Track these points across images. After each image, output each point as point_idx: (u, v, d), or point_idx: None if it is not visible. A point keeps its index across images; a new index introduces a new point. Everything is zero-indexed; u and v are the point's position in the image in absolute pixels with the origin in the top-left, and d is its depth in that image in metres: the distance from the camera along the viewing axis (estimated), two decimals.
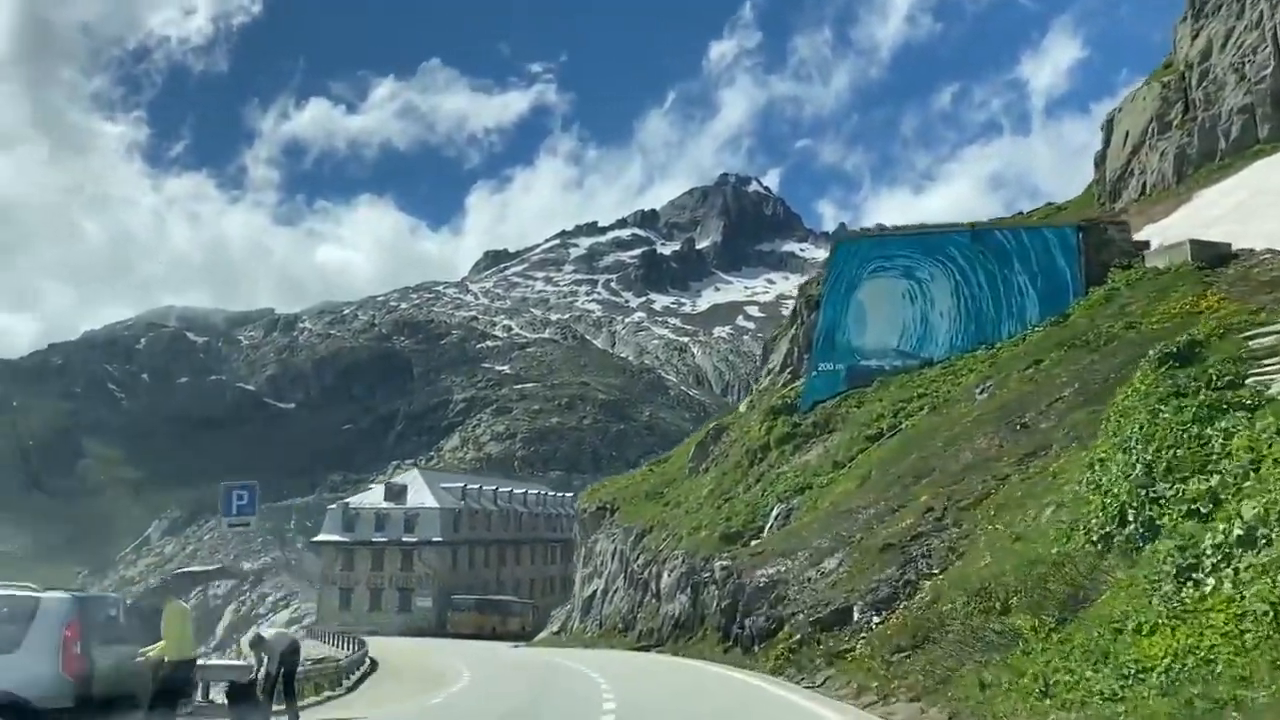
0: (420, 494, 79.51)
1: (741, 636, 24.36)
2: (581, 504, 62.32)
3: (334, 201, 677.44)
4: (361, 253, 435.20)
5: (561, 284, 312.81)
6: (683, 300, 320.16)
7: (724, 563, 28.90)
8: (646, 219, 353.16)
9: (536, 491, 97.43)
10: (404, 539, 77.44)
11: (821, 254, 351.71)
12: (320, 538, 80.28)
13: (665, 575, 37.19)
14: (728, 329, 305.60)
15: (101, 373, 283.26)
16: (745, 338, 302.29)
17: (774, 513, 32.72)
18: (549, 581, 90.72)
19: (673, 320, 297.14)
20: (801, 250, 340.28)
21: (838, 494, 29.56)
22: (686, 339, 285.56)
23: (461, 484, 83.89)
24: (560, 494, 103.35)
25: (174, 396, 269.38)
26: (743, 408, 55.09)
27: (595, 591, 51.68)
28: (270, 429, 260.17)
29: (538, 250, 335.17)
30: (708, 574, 30.67)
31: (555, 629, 59.84)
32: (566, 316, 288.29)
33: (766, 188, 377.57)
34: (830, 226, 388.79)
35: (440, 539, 76.92)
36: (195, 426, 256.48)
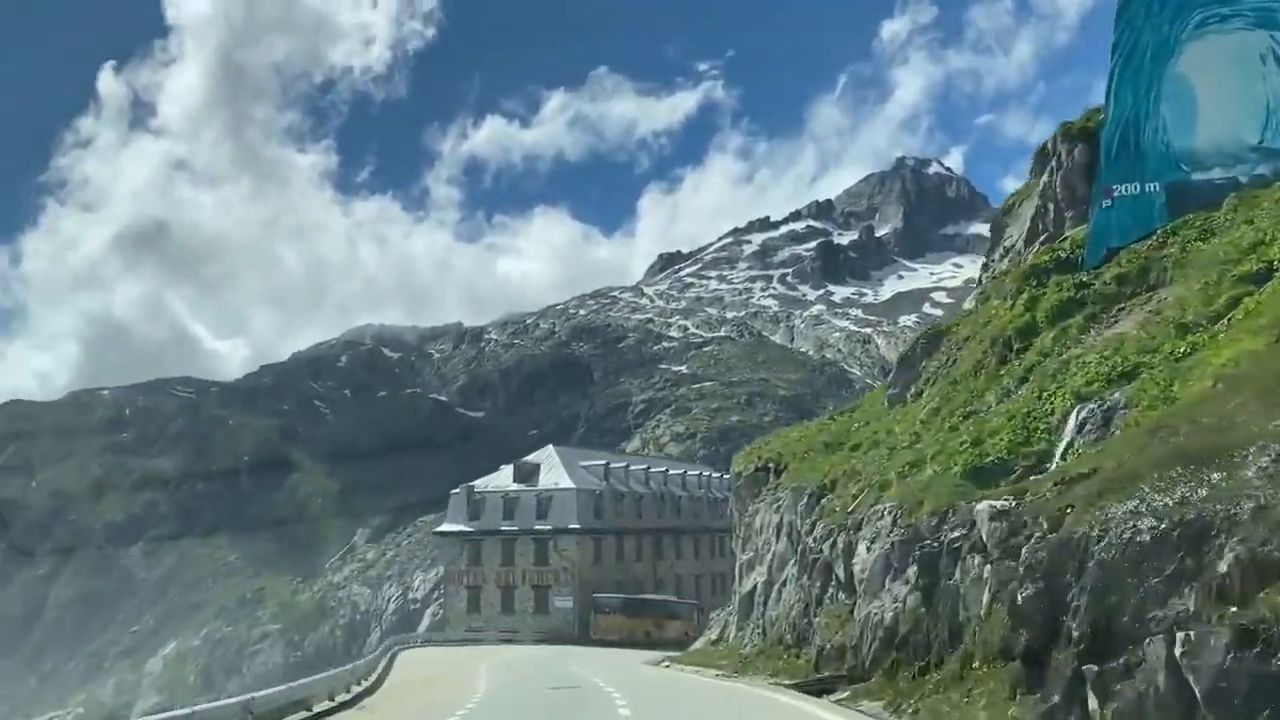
0: (554, 474, 64.65)
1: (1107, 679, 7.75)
2: (736, 466, 45.49)
3: (511, 215, 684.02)
4: (539, 263, 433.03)
5: (736, 281, 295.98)
6: (864, 290, 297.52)
7: (999, 505, 13.24)
8: (821, 210, 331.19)
9: (697, 472, 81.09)
10: (536, 527, 62.68)
11: None
12: (444, 528, 66.57)
13: (862, 549, 20.65)
14: (913, 317, 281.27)
15: (308, 390, 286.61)
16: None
17: (1075, 420, 17.10)
18: (715, 579, 74.25)
19: (854, 311, 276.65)
20: (989, 232, 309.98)
21: (1219, 365, 14.98)
22: (869, 330, 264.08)
23: (603, 461, 68.58)
24: (725, 475, 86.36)
25: (373, 410, 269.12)
26: (970, 303, 37.59)
27: (755, 586, 35.19)
28: (462, 437, 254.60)
29: (710, 249, 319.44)
30: (958, 534, 14.20)
31: (714, 636, 43.46)
32: (742, 314, 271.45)
33: (948, 168, 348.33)
34: None
35: (578, 526, 61.69)
36: (393, 437, 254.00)
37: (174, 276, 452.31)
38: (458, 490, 66.30)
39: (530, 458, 68.33)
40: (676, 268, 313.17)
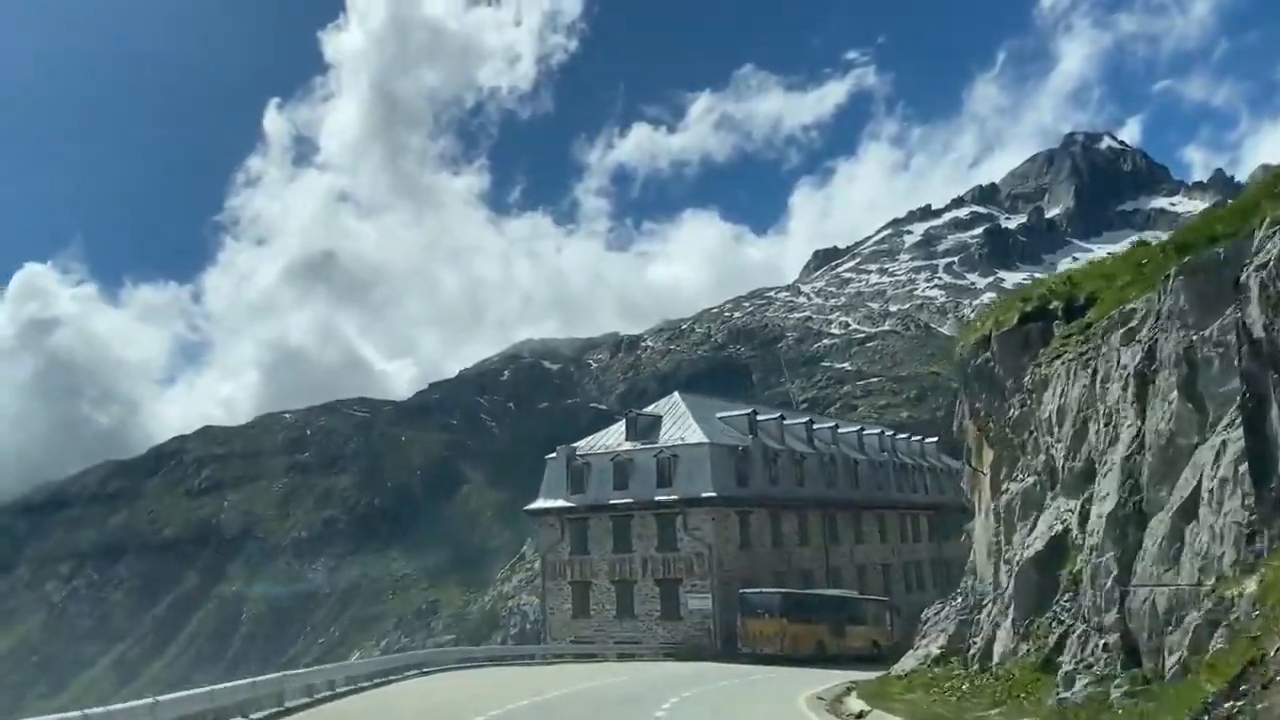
0: (681, 427, 44.93)
1: None
2: (970, 334, 24.63)
3: (660, 221, 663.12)
4: (691, 266, 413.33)
5: (898, 274, 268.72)
6: (1036, 274, 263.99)
7: None
8: (985, 194, 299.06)
9: (877, 431, 59.59)
10: (658, 498, 43.07)
11: (1198, 205, 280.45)
12: (537, 504, 47.67)
13: None
14: None
15: (474, 405, 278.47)
16: None
17: None
18: (911, 569, 52.80)
19: None
20: (1173, 204, 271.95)
21: None
22: None
23: (747, 411, 48.32)
24: (920, 438, 64.37)
25: (536, 421, 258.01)
26: None
27: (1063, 530, 14.57)
28: None
29: (869, 243, 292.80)
30: None
31: (934, 648, 22.99)
32: (907, 306, 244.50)
33: (1121, 142, 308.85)
34: (1202, 175, 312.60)
35: (714, 494, 41.68)
36: (556, 447, 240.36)
37: (343, 303, 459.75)
38: (554, 454, 47.51)
39: (650, 408, 49.08)
40: (834, 264, 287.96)
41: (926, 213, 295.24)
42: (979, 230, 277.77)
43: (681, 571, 42.60)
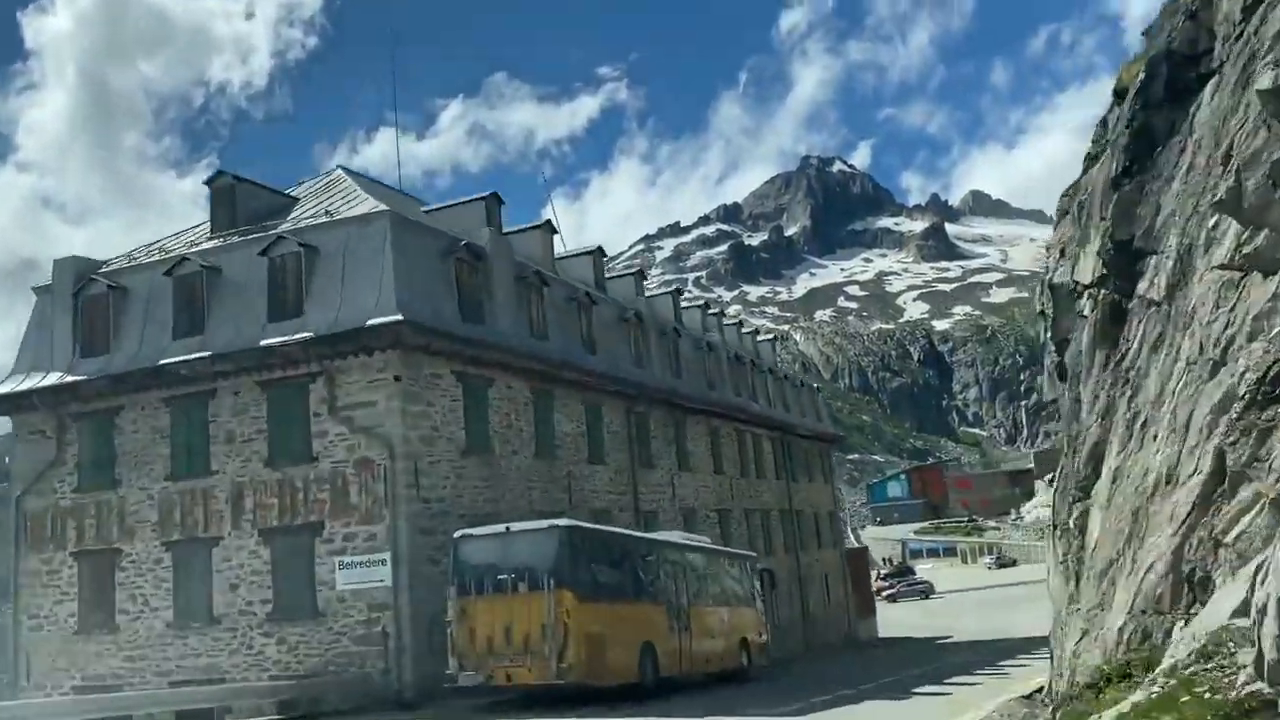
0: (334, 199, 19.58)
1: None
2: None
3: None
4: None
5: (650, 288, 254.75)
6: (778, 289, 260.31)
7: None
8: (730, 213, 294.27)
9: (699, 302, 36.63)
10: (273, 341, 17.33)
11: (919, 226, 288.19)
12: None
13: None
14: (829, 312, 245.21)
15: None
16: (849, 318, 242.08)
17: None
18: (757, 521, 30.20)
19: (769, 309, 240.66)
20: (896, 224, 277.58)
21: None
22: (786, 326, 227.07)
23: (483, 195, 23.67)
24: (758, 332, 41.88)
25: None
26: None
27: None
28: None
29: (622, 257, 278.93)
30: None
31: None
32: None
33: (851, 165, 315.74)
34: (919, 199, 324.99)
35: (401, 321, 16.56)
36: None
37: None
38: (45, 283, 20.98)
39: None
40: None
41: (676, 229, 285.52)
42: (724, 246, 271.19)
43: (322, 509, 17.09)
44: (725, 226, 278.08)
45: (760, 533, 31.17)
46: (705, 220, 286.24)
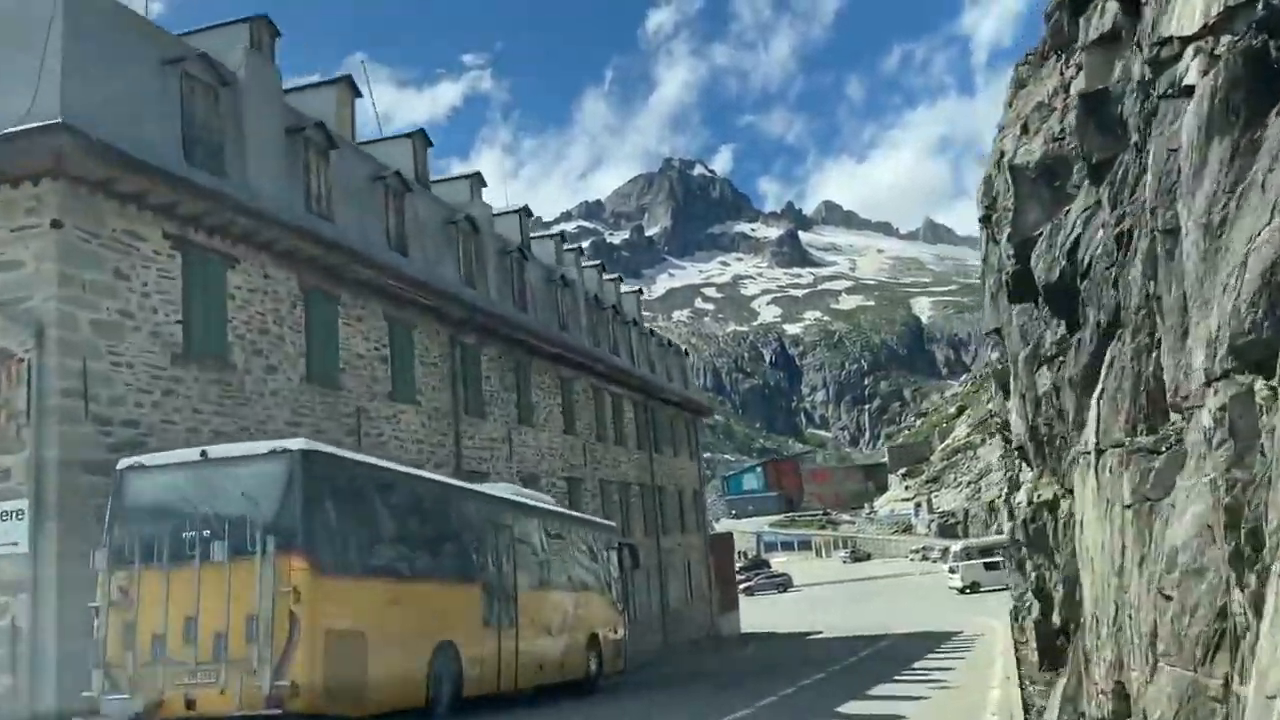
0: None
1: None
2: None
3: None
4: None
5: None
6: (638, 288, 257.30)
7: None
8: (591, 210, 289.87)
9: (552, 232, 30.80)
10: None
11: (774, 233, 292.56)
12: None
13: None
14: (686, 312, 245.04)
15: None
16: (706, 319, 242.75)
17: None
18: (615, 495, 24.65)
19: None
20: (753, 230, 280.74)
21: None
22: (646, 325, 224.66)
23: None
24: (616, 276, 36.32)
25: None
26: None
27: None
28: None
29: None
30: None
31: None
32: None
33: (711, 170, 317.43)
34: (775, 205, 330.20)
35: (63, 122, 9.89)
36: None
37: None
38: None
39: None
40: None
41: (538, 224, 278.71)
42: (586, 244, 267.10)
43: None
44: (587, 223, 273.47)
45: (618, 509, 25.69)
46: (567, 216, 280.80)
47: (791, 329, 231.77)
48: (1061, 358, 13.28)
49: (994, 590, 44.39)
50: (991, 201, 16.63)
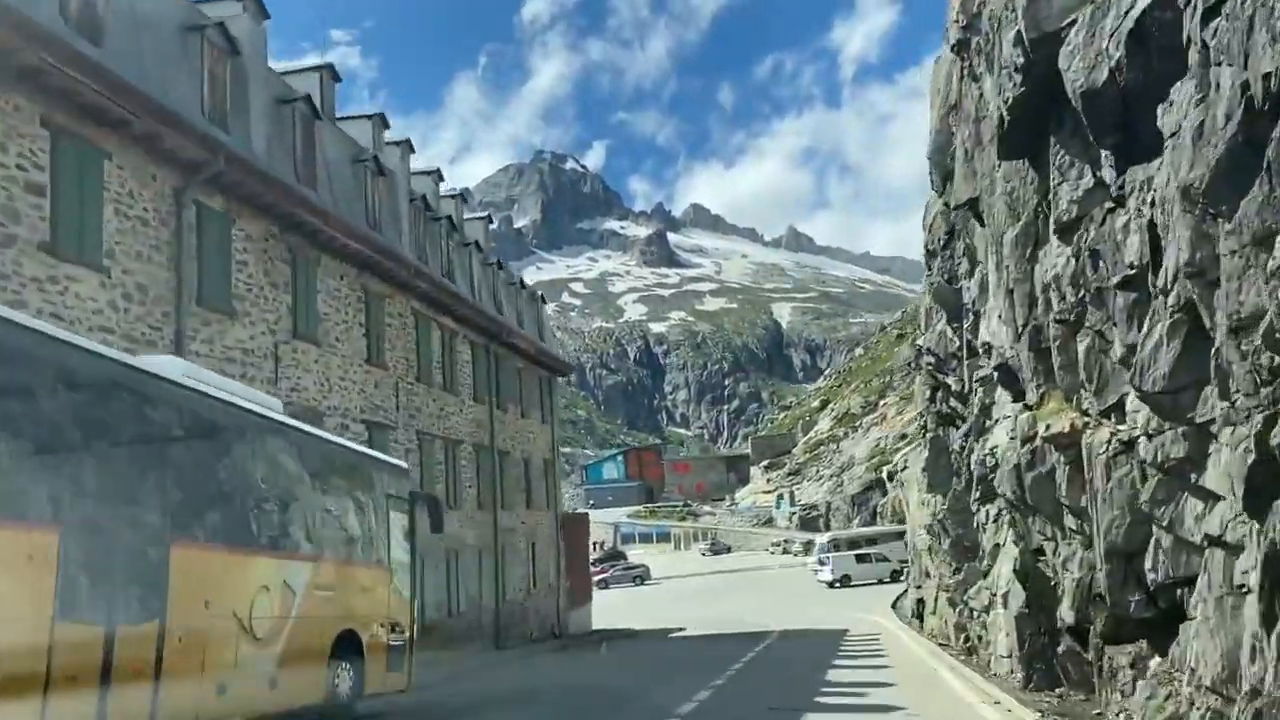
0: None
1: None
2: None
3: None
4: None
5: None
6: None
7: None
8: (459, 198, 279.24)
9: (395, 138, 24.57)
10: None
11: (644, 231, 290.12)
12: None
13: None
14: (552, 306, 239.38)
15: None
16: (572, 314, 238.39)
17: None
18: (446, 455, 18.68)
19: None
20: (622, 228, 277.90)
21: None
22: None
23: None
24: (487, 217, 29.88)
25: None
26: None
27: None
28: None
29: None
30: None
31: None
32: None
33: (583, 165, 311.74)
34: (645, 205, 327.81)
35: None
36: None
37: None
38: None
39: None
40: None
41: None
42: None
43: None
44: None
45: (444, 472, 19.78)
46: None
47: (656, 328, 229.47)
48: (1091, 217, 8.49)
49: (866, 584, 40.98)
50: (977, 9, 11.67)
